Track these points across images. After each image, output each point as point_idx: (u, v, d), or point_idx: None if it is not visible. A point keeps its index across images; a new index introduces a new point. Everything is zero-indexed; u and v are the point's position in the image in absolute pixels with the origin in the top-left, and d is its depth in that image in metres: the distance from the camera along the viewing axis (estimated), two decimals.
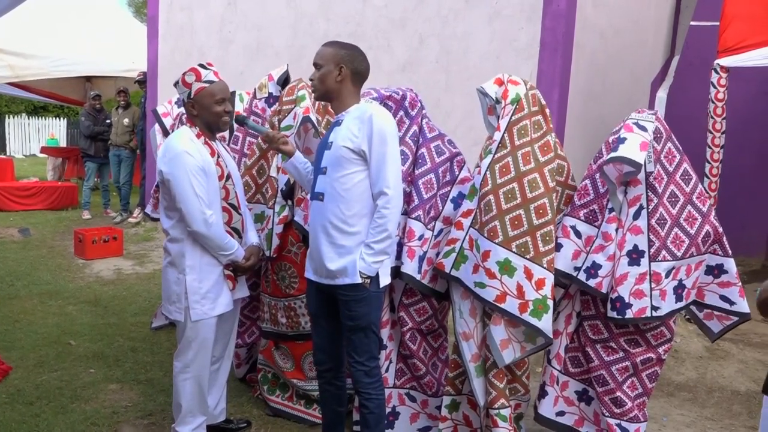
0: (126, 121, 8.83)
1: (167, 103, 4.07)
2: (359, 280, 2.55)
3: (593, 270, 2.81)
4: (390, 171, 2.51)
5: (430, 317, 3.14)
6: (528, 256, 2.73)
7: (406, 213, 2.99)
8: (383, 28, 6.03)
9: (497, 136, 2.81)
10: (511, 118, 2.79)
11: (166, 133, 3.89)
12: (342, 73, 2.60)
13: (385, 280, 2.65)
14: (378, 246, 2.53)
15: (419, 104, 3.14)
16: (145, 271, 6.41)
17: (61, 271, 6.25)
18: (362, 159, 2.53)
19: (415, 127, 3.09)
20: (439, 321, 3.20)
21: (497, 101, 2.83)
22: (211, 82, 2.79)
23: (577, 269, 2.86)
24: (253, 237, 3.02)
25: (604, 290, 2.79)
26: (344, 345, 2.76)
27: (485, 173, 2.81)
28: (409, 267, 2.96)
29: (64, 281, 5.87)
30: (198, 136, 2.80)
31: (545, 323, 2.74)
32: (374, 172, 2.53)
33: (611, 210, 2.82)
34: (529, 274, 2.72)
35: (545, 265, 2.74)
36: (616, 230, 2.81)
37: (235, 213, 2.90)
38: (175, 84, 2.85)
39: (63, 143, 17.40)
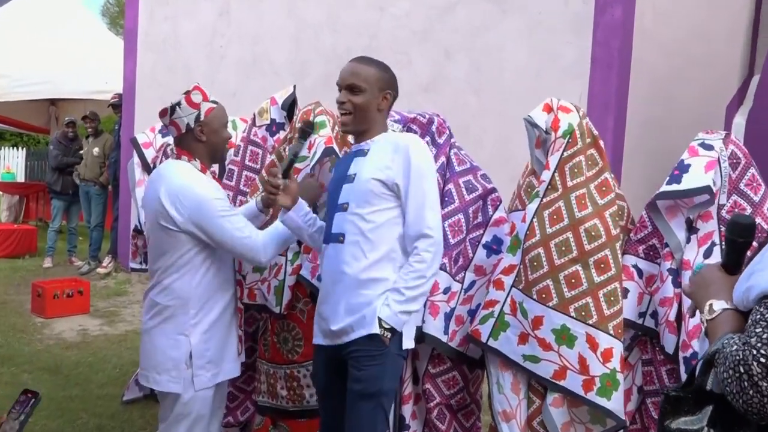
0: (96, 150, 8.87)
1: (149, 131, 4.06)
2: (377, 330, 2.49)
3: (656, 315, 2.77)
4: (431, 211, 2.53)
5: (461, 390, 3.09)
6: (590, 322, 2.67)
7: None
8: (402, 41, 6.11)
9: (546, 176, 2.78)
10: (562, 154, 2.76)
11: (146, 166, 3.88)
12: (387, 100, 2.63)
13: (408, 342, 2.63)
14: (410, 293, 2.50)
15: (447, 131, 3.15)
16: (115, 332, 6.42)
17: (15, 331, 6.26)
18: (394, 195, 2.55)
19: (442, 158, 3.09)
20: (471, 395, 3.15)
21: (547, 132, 2.81)
22: (216, 102, 2.84)
23: (642, 315, 2.82)
24: None
25: (662, 342, 2.71)
26: (345, 419, 2.66)
27: (531, 221, 2.76)
28: (432, 326, 2.92)
29: (19, 344, 5.87)
30: (203, 170, 2.81)
31: (615, 403, 2.66)
32: (412, 211, 2.54)
33: (666, 245, 2.78)
34: (593, 344, 2.65)
35: (612, 332, 2.67)
36: (672, 269, 2.73)
37: None
38: (172, 108, 2.76)
39: (21, 178, 17.61)
